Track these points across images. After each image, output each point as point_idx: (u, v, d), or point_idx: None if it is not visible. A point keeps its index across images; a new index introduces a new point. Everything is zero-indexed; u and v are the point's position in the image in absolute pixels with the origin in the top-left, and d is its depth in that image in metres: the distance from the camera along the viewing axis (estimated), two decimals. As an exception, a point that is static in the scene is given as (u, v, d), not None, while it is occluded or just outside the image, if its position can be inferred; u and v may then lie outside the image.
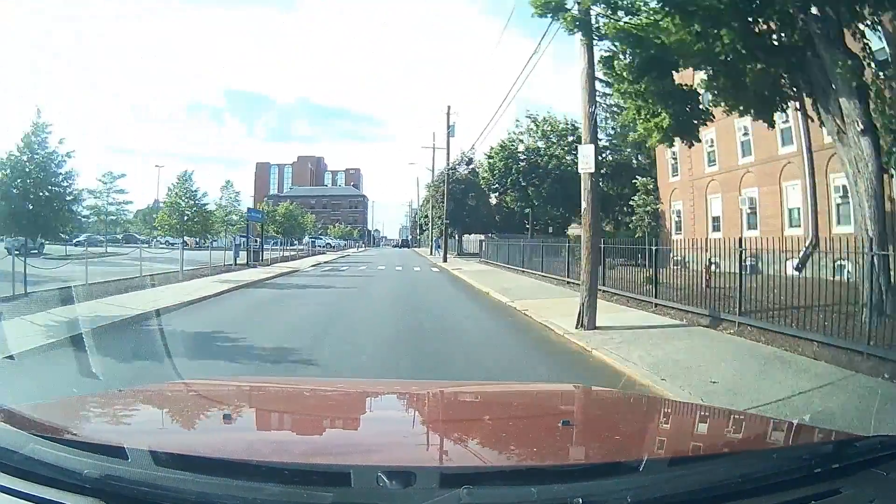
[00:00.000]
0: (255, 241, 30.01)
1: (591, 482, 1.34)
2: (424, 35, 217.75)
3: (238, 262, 26.76)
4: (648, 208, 30.52)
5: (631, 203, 33.42)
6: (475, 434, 1.98)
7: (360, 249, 73.72)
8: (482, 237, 51.17)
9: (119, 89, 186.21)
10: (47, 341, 7.73)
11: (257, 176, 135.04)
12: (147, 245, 37.27)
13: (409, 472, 1.31)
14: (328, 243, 70.56)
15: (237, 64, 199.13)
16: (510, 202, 45.38)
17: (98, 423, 1.95)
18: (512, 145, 43.90)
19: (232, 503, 1.28)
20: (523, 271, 24.15)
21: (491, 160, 44.17)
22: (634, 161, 41.54)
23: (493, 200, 55.68)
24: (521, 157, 43.09)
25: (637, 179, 33.53)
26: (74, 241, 31.30)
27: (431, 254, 51.45)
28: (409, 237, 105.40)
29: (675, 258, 15.79)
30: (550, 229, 45.34)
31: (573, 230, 45.23)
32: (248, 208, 32.67)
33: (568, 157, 40.91)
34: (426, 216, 69.54)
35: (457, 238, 55.88)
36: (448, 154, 42.67)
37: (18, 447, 1.42)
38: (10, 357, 6.80)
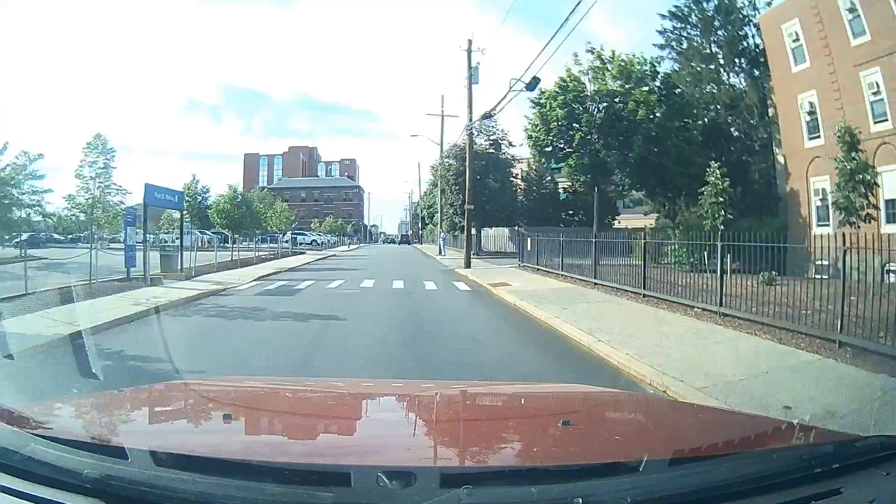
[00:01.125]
0: (172, 237, 21.84)
1: (591, 482, 1.35)
2: (422, 31, 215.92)
3: (149, 271, 16.90)
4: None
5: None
6: (475, 434, 1.98)
7: (351, 247, 60.50)
8: (507, 231, 41.31)
9: (115, 85, 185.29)
10: None
11: (246, 168, 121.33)
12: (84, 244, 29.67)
13: (409, 472, 1.32)
14: (314, 240, 58.22)
15: (234, 60, 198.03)
16: (570, 173, 30.24)
17: (98, 423, 1.95)
18: (577, 86, 28.18)
19: (232, 503, 1.28)
20: (645, 296, 12.77)
21: (542, 108, 28.53)
22: (733, 128, 29.51)
23: (521, 182, 43.53)
24: (589, 104, 27.68)
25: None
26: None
27: (441, 254, 38.08)
28: (409, 232, 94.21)
29: (817, 262, 10.65)
30: (585, 218, 35.54)
31: (628, 221, 35.22)
32: (147, 185, 18.50)
33: (660, 112, 27.37)
34: (430, 206, 59.19)
35: (474, 232, 40.53)
36: (470, 106, 26.57)
37: (18, 447, 1.42)
38: None
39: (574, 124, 27.45)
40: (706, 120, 29.99)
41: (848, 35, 18.99)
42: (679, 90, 29.22)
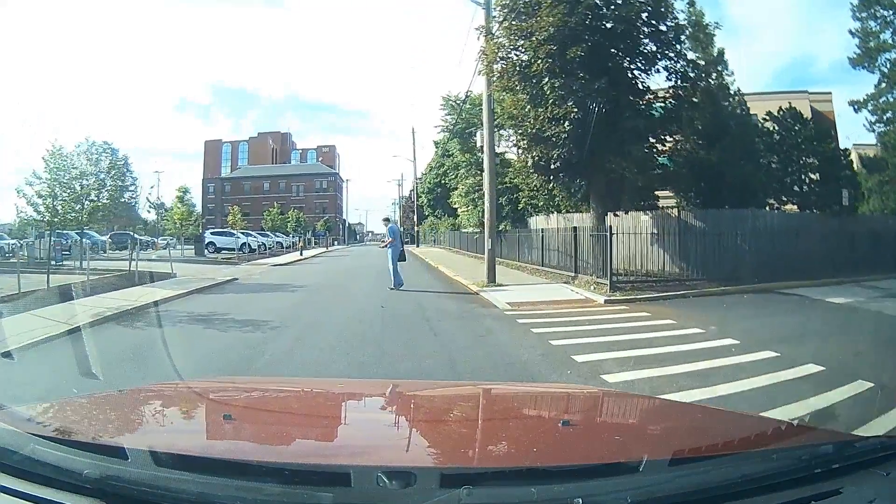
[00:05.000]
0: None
1: (591, 482, 1.35)
2: (413, 26, 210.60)
3: None
4: None
5: None
6: (475, 434, 1.99)
7: (305, 254, 35.84)
8: (646, 217, 17.18)
9: (107, 86, 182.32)
10: None
11: (207, 157, 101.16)
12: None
13: (409, 472, 1.32)
14: (245, 243, 36.50)
15: (224, 60, 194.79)
16: None
17: (98, 423, 1.95)
18: None
19: (232, 503, 1.28)
20: None
21: None
22: None
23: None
24: None
25: None
26: None
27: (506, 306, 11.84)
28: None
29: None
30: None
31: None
32: None
33: None
34: (433, 187, 42.88)
35: (590, 223, 15.28)
36: None
37: (18, 447, 1.42)
38: None
39: None
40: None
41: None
42: None
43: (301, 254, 35.49)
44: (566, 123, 13.24)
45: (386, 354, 7.63)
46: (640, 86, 14.54)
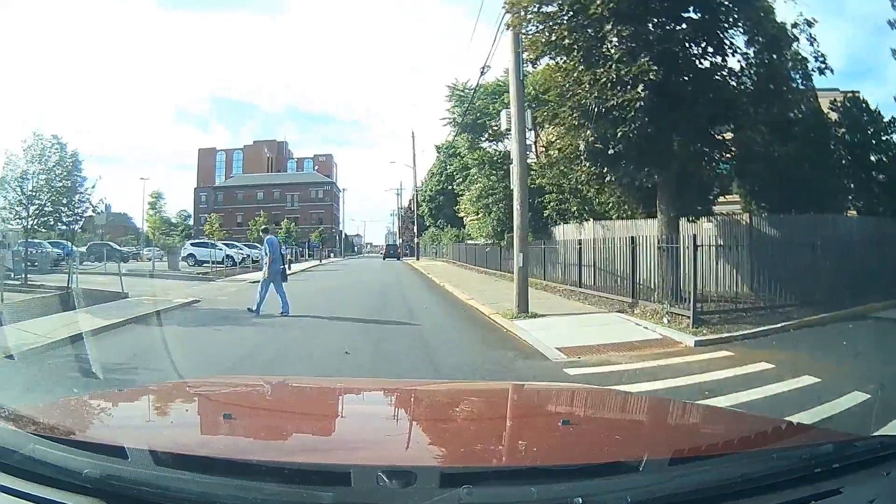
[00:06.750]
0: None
1: (590, 482, 1.35)
2: (411, 38, 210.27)
3: None
4: None
5: None
6: (475, 434, 1.99)
7: (291, 269, 19.54)
8: (710, 225, 13.52)
9: (103, 97, 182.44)
10: None
11: (201, 163, 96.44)
12: None
13: (409, 471, 1.32)
14: (228, 255, 32.70)
15: (224, 71, 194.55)
16: None
17: (98, 423, 1.96)
18: None
19: (232, 503, 1.28)
20: None
21: None
22: None
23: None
24: None
25: None
26: None
27: None
28: (399, 241, 68.68)
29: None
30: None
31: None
32: None
33: None
34: (437, 192, 39.96)
35: (655, 232, 11.74)
36: None
37: (19, 447, 1.42)
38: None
39: None
40: None
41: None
42: None
43: (289, 268, 29.72)
44: (639, 87, 9.49)
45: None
46: (728, 42, 10.61)
